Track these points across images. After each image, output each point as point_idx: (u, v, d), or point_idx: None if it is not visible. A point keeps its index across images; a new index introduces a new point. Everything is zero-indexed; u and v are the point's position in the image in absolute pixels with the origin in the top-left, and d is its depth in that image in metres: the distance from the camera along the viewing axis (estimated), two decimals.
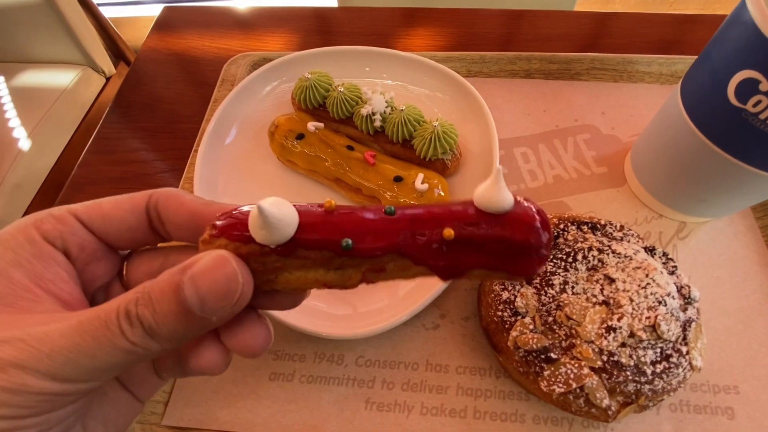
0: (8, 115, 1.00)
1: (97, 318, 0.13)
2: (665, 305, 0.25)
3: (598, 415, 0.24)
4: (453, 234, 0.14)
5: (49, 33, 1.02)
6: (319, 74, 0.35)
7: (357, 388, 0.28)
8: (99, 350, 0.13)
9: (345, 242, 0.14)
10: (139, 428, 0.27)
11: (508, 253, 0.15)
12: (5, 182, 0.90)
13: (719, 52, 0.25)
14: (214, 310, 0.14)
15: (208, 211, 0.17)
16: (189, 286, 0.13)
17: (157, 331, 0.13)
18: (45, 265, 0.15)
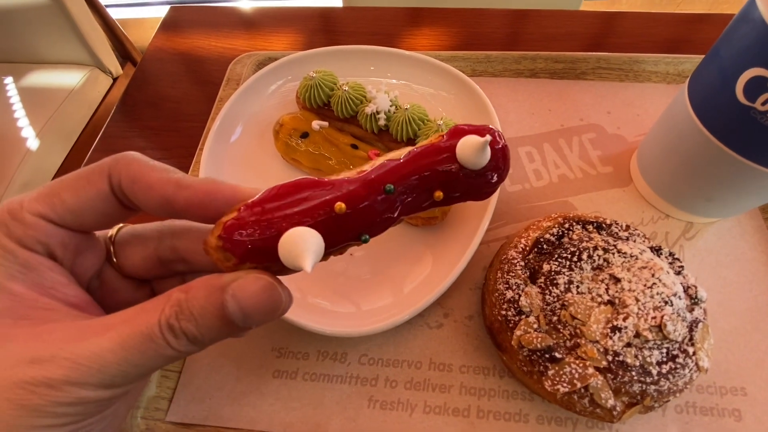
0: (17, 114, 1.01)
1: (141, 334, 0.14)
2: (671, 305, 0.24)
3: (602, 416, 0.24)
4: (442, 196, 0.18)
5: (58, 34, 1.03)
6: (323, 73, 0.35)
7: (360, 386, 0.28)
8: (146, 361, 0.14)
9: (363, 237, 0.16)
10: (144, 423, 0.27)
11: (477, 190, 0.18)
12: (14, 181, 0.91)
13: (727, 51, 0.25)
14: (256, 323, 0.15)
15: (181, 197, 0.16)
16: (233, 305, 0.14)
17: (201, 340, 0.15)
18: (38, 274, 0.15)
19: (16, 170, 0.92)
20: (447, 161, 0.17)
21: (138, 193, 0.16)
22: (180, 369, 0.29)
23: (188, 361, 0.29)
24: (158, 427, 0.27)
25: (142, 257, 0.19)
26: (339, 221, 0.15)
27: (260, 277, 0.15)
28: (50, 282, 0.16)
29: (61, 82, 1.05)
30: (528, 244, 0.28)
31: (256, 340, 0.30)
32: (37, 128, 0.98)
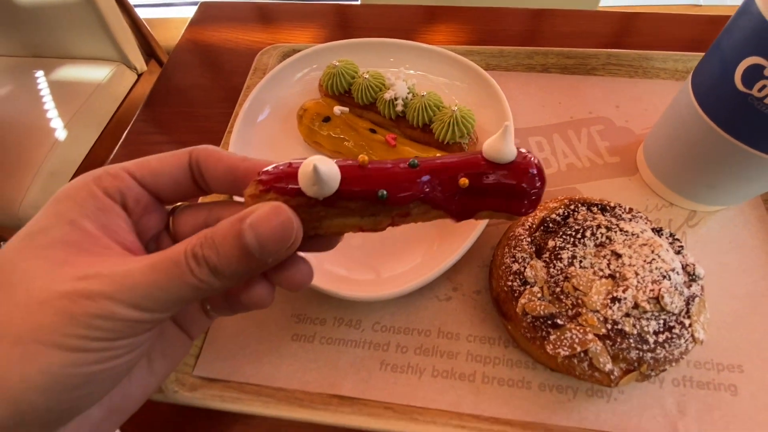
0: (47, 106, 1.06)
1: (169, 259, 0.15)
2: (669, 279, 0.26)
3: (600, 379, 0.26)
4: (467, 183, 0.17)
5: (88, 31, 1.07)
6: (346, 62, 0.37)
7: (373, 350, 0.30)
8: (171, 285, 0.15)
9: (381, 193, 0.17)
10: (174, 376, 0.29)
11: (509, 196, 0.17)
12: (41, 170, 0.95)
13: (728, 42, 0.26)
14: (271, 253, 0.16)
15: (243, 166, 0.19)
16: (249, 232, 0.15)
17: (221, 270, 0.16)
18: (109, 217, 0.17)
19: (44, 159, 0.96)
20: (474, 156, 0.18)
21: (210, 163, 0.19)
22: (206, 330, 0.32)
23: (214, 323, 0.32)
24: (186, 380, 0.29)
25: (192, 225, 0.21)
26: (360, 169, 0.17)
27: (276, 204, 0.16)
28: (115, 227, 0.18)
29: (89, 76, 1.09)
30: (535, 223, 0.30)
31: (277, 307, 0.32)
32: (66, 119, 1.02)
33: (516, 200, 0.18)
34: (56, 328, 0.14)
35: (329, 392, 0.29)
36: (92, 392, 0.15)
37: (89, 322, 0.14)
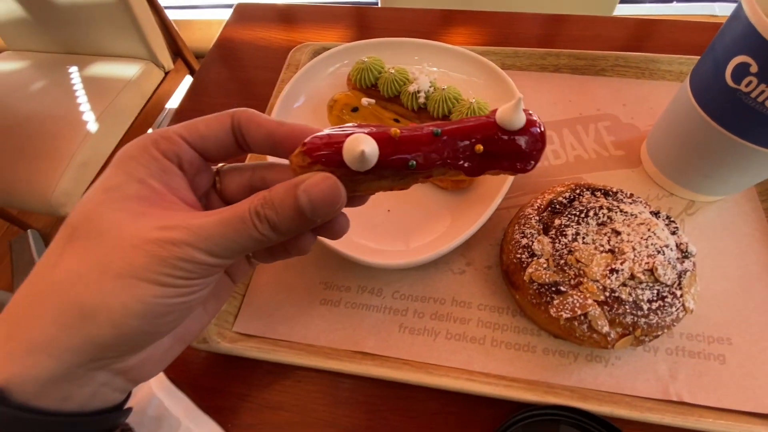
0: (80, 100, 1.11)
1: (237, 215, 0.18)
2: (663, 254, 0.29)
3: (598, 341, 0.28)
4: (482, 149, 0.20)
5: (121, 30, 1.13)
6: (373, 59, 0.41)
7: (392, 315, 0.34)
8: (238, 237, 0.18)
9: (411, 163, 0.20)
10: (216, 330, 0.33)
11: (516, 157, 0.20)
12: (73, 160, 1.01)
13: (721, 43, 0.29)
14: (321, 215, 0.19)
15: (281, 131, 0.21)
16: (303, 197, 0.18)
17: (279, 226, 0.18)
18: (170, 177, 0.20)
19: (76, 150, 1.02)
20: (488, 122, 0.20)
21: (251, 128, 0.21)
22: (244, 292, 0.35)
23: (251, 285, 0.36)
24: (227, 334, 0.33)
25: (237, 184, 0.24)
26: (393, 142, 0.20)
27: (326, 175, 0.18)
28: (176, 185, 0.20)
29: (119, 73, 1.15)
30: (543, 204, 0.33)
31: (308, 274, 0.36)
32: (97, 113, 1.08)
33: (522, 161, 0.20)
34: (149, 267, 0.17)
35: (353, 349, 0.32)
36: (172, 320, 0.19)
37: (175, 264, 0.17)
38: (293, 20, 0.58)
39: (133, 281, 0.17)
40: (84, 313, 0.16)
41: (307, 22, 0.57)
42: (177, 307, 0.18)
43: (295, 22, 0.58)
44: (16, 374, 0.16)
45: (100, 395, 0.19)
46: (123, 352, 0.18)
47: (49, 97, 1.12)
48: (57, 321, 0.16)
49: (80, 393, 0.18)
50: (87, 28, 1.15)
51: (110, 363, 0.18)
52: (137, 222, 0.18)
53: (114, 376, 0.19)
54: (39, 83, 1.15)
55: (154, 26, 1.16)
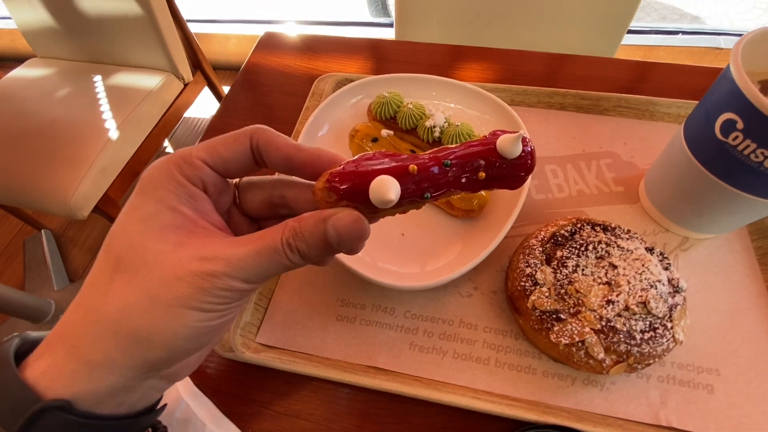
0: (102, 108, 1.16)
1: (269, 247, 0.20)
2: (656, 288, 0.32)
3: (594, 366, 0.31)
4: (485, 176, 0.22)
5: (145, 42, 1.17)
6: (393, 93, 0.44)
7: (404, 333, 0.36)
8: (271, 266, 0.20)
9: (426, 195, 0.22)
10: (241, 341, 0.35)
11: (511, 179, 0.23)
12: (94, 165, 1.04)
13: (711, 99, 0.32)
14: (347, 247, 0.21)
15: (299, 157, 0.22)
16: (332, 231, 0.20)
17: (308, 255, 0.21)
18: (198, 203, 0.22)
19: (97, 156, 1.05)
20: (490, 150, 0.22)
21: (270, 151, 0.22)
22: (266, 306, 0.38)
23: (273, 300, 0.38)
24: (251, 344, 0.36)
25: (258, 200, 0.24)
26: (411, 178, 0.21)
27: (352, 212, 0.20)
28: (204, 210, 0.22)
29: (142, 83, 1.19)
30: (546, 236, 0.36)
31: (326, 292, 0.39)
32: (119, 121, 1.11)
33: (515, 182, 0.23)
34: (193, 297, 0.19)
35: (367, 363, 0.35)
36: (212, 337, 0.22)
37: (216, 293, 0.19)
38: (315, 49, 0.62)
39: (180, 310, 0.19)
40: (140, 339, 0.18)
41: (328, 52, 0.61)
42: (215, 328, 0.21)
43: (318, 52, 0.62)
44: (82, 389, 0.18)
45: (147, 396, 0.21)
46: (171, 364, 0.21)
47: (73, 104, 1.16)
48: (116, 346, 0.18)
49: (132, 398, 0.20)
50: (113, 39, 1.19)
51: (159, 372, 0.21)
52: (178, 252, 0.19)
53: (159, 380, 0.21)
54: (64, 90, 1.20)
55: (176, 40, 1.20)
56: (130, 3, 1.08)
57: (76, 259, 1.46)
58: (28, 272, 1.42)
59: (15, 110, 1.15)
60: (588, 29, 0.84)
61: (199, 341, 0.20)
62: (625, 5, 0.78)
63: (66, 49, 1.27)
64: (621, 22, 0.82)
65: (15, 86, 1.23)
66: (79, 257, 1.46)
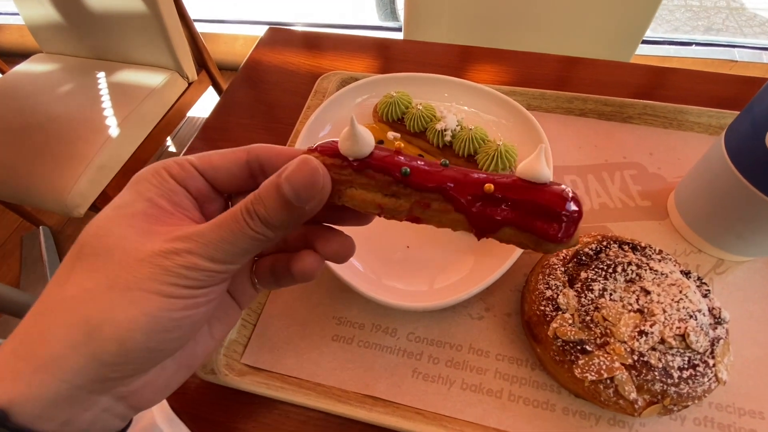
0: (104, 105, 1.14)
1: (229, 217, 0.18)
2: (696, 319, 0.28)
3: (625, 407, 0.27)
4: (492, 188, 0.17)
5: (151, 40, 1.16)
6: (401, 93, 0.41)
7: (406, 358, 0.33)
8: (234, 238, 0.18)
9: (404, 170, 0.18)
10: (224, 361, 0.32)
11: (537, 214, 0.17)
12: (92, 163, 1.02)
13: (759, 107, 0.29)
14: (304, 199, 0.18)
15: None
16: (285, 183, 0.18)
17: (269, 220, 0.18)
18: (179, 198, 0.21)
19: (96, 153, 1.03)
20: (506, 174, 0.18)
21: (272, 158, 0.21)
22: (255, 322, 0.35)
23: (262, 316, 0.35)
24: (235, 366, 0.32)
25: None
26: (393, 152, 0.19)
27: (303, 156, 0.18)
28: (185, 205, 0.21)
29: (145, 81, 1.18)
30: (568, 255, 0.32)
31: (321, 308, 0.35)
32: (120, 119, 1.09)
33: (545, 220, 0.17)
34: (154, 278, 0.17)
35: (364, 392, 0.31)
36: (176, 338, 0.18)
37: (179, 272, 0.17)
38: (321, 47, 0.59)
39: (139, 294, 0.17)
40: (90, 328, 0.16)
41: (334, 50, 0.58)
42: (182, 322, 0.18)
43: (323, 49, 0.59)
44: (23, 393, 0.16)
45: (101, 421, 0.18)
46: (127, 373, 0.18)
47: (75, 100, 1.14)
48: (64, 338, 0.16)
49: (82, 418, 0.17)
50: (119, 36, 1.18)
51: (114, 386, 0.18)
52: (143, 237, 0.18)
53: (116, 402, 0.18)
54: (67, 86, 1.18)
55: (182, 38, 1.19)
56: (136, 1, 1.06)
57: None
58: (24, 269, 1.39)
59: (17, 105, 1.13)
60: (601, 38, 0.81)
61: (161, 339, 0.17)
62: (639, 15, 0.75)
63: (71, 45, 1.25)
64: (635, 31, 0.78)
65: (18, 81, 1.21)
66: None
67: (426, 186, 0.18)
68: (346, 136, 0.18)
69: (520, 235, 0.18)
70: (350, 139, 0.18)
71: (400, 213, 0.19)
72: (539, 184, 0.17)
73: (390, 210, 0.19)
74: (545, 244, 0.17)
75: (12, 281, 1.40)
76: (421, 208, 0.19)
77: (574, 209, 0.17)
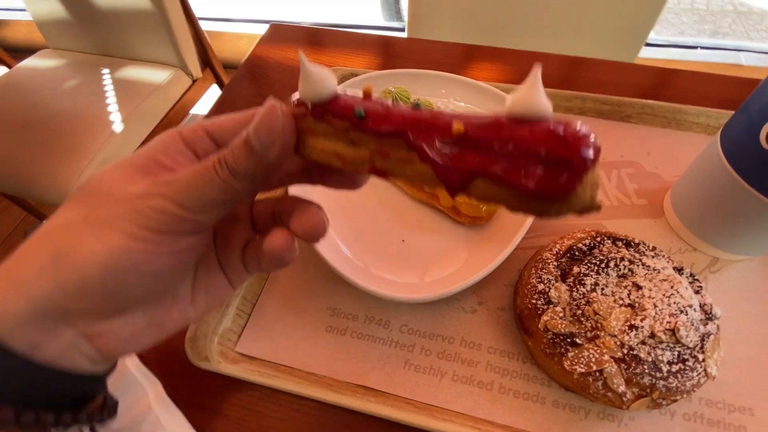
0: (109, 101, 1.15)
1: (201, 166, 0.19)
2: (686, 315, 0.28)
3: (613, 400, 0.27)
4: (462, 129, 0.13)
5: (156, 37, 1.17)
6: (400, 89, 0.41)
7: (398, 350, 0.33)
8: (204, 186, 0.18)
9: (358, 111, 0.16)
10: (218, 349, 0.32)
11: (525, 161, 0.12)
12: (96, 157, 1.03)
13: (755, 105, 0.29)
14: (266, 144, 0.18)
15: None
16: (249, 129, 0.18)
17: (236, 168, 0.18)
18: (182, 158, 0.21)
19: (100, 148, 1.04)
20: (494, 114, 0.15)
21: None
22: (250, 312, 0.35)
23: (258, 305, 0.35)
24: (229, 354, 0.32)
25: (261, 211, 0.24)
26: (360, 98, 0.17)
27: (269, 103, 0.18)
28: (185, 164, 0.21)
29: (149, 78, 1.19)
30: (562, 250, 0.32)
31: (316, 299, 0.35)
32: (124, 115, 1.11)
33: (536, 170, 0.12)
34: (124, 217, 0.18)
35: (356, 382, 0.31)
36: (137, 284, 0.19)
37: (147, 214, 0.18)
38: (323, 44, 0.59)
39: (106, 229, 0.17)
40: (58, 255, 0.17)
41: (336, 47, 0.59)
42: (142, 267, 0.18)
43: (325, 46, 0.59)
44: None
45: (69, 357, 0.19)
46: (87, 308, 0.18)
47: (80, 96, 1.15)
48: (36, 262, 0.17)
49: (49, 347, 0.18)
50: (124, 33, 1.19)
51: (76, 319, 0.18)
52: (131, 182, 0.19)
53: (81, 339, 0.19)
54: (72, 81, 1.20)
55: (187, 36, 1.20)
56: None
57: None
58: None
59: (22, 100, 1.15)
60: (604, 40, 0.81)
61: (119, 279, 0.18)
62: (642, 17, 0.75)
63: (77, 41, 1.27)
64: (638, 34, 0.78)
65: (24, 76, 1.23)
66: None
67: (382, 130, 0.15)
68: (302, 77, 0.17)
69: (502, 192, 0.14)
70: (302, 81, 0.16)
71: (361, 164, 0.17)
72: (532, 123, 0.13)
73: (350, 161, 0.17)
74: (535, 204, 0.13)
75: None
76: (381, 157, 0.16)
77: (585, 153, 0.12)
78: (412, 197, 0.40)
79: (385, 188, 0.41)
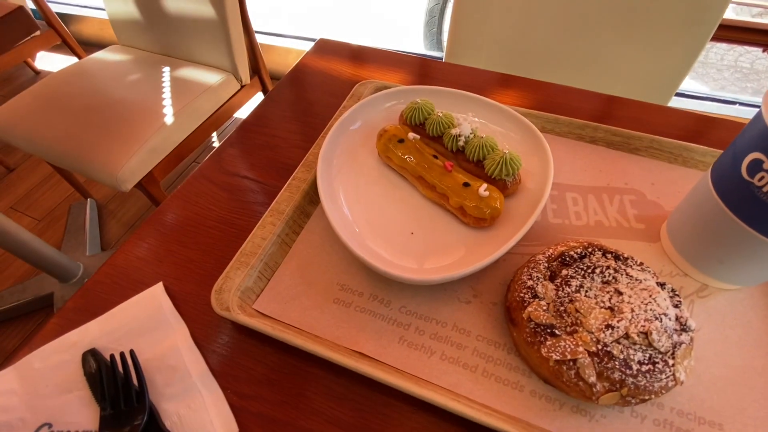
0: (164, 95, 1.26)
1: None
2: (660, 321, 0.30)
3: (584, 390, 0.30)
4: None
5: (214, 43, 1.29)
6: (425, 101, 0.46)
7: (395, 327, 0.36)
8: None
9: None
10: (238, 302, 0.37)
11: None
12: (146, 144, 1.13)
13: (741, 140, 0.32)
14: None
15: None
16: None
17: None
18: None
19: (150, 136, 1.14)
20: None
21: None
22: (269, 277, 0.39)
23: (277, 272, 0.40)
24: (247, 309, 0.37)
25: None
26: None
27: None
28: None
29: (203, 79, 1.30)
30: (554, 254, 0.36)
31: (328, 274, 0.39)
32: (176, 109, 1.21)
33: None
34: None
35: (353, 348, 0.35)
36: None
37: None
38: (364, 60, 0.66)
39: None
40: None
41: (375, 63, 0.65)
42: None
43: (365, 62, 0.65)
44: None
45: None
46: None
47: (139, 88, 1.27)
48: None
49: None
50: (187, 36, 1.32)
51: None
52: None
53: None
54: (135, 75, 1.32)
55: (242, 45, 1.31)
56: (208, 6, 1.19)
57: (112, 230, 1.55)
58: (67, 235, 1.52)
59: (89, 86, 1.28)
60: (636, 86, 0.84)
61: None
62: (677, 67, 0.78)
63: (144, 40, 1.41)
64: (670, 83, 0.81)
65: (93, 66, 1.37)
66: (114, 229, 1.55)
67: None
68: None
69: None
70: None
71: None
72: None
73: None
74: None
75: (55, 244, 1.52)
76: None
77: None
78: (425, 196, 0.44)
79: (402, 187, 0.45)
